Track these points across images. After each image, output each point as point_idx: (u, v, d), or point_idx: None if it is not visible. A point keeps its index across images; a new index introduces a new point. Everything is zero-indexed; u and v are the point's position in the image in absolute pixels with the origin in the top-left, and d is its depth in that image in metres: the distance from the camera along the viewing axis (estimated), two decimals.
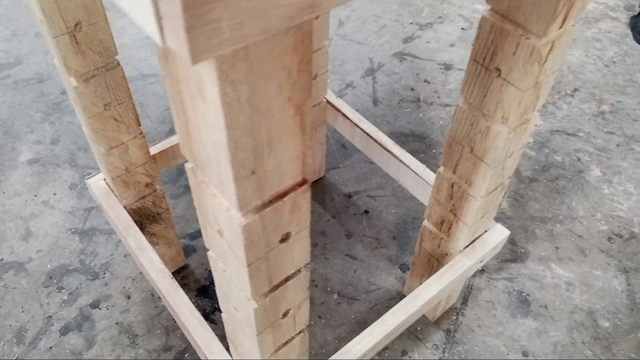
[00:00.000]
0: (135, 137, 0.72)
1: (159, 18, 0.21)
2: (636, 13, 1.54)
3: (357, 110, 1.03)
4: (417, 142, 1.20)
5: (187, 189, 1.10)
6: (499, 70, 0.54)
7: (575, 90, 1.33)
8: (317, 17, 0.57)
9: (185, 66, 0.28)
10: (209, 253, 0.45)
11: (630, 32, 1.51)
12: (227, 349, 0.65)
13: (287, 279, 0.44)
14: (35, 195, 1.09)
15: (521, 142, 0.62)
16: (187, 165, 0.37)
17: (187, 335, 0.73)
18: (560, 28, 0.50)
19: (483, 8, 1.58)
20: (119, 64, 0.65)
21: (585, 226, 1.06)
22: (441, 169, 0.69)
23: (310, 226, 0.41)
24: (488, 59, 0.55)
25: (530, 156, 1.18)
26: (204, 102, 0.28)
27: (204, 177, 0.36)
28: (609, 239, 1.04)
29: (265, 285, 0.42)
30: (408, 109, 1.26)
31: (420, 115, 1.25)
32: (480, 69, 0.56)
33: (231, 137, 0.29)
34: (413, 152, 1.16)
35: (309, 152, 0.34)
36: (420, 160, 0.89)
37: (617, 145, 1.21)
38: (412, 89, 1.32)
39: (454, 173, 0.67)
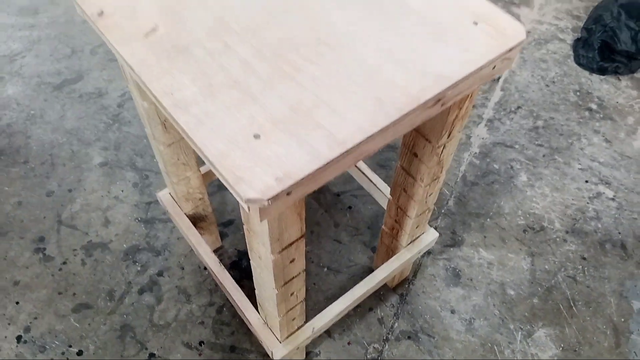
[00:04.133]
0: (194, 173, 1.11)
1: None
2: (580, 35, 1.87)
3: None
4: (390, 152, 1.58)
5: (219, 188, 1.50)
6: (416, 154, 0.92)
7: (518, 107, 1.70)
8: None
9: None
10: (253, 264, 0.85)
11: (573, 53, 1.85)
12: (255, 307, 1.07)
13: (292, 278, 0.84)
14: (108, 192, 1.49)
15: (435, 190, 1.01)
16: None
17: (226, 295, 1.15)
18: (448, 138, 0.87)
19: None
20: None
21: (508, 221, 1.46)
22: (389, 198, 1.08)
23: (307, 218, 0.81)
24: (411, 148, 0.93)
25: (475, 164, 1.56)
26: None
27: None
28: (524, 230, 1.44)
29: (281, 281, 0.83)
30: None
31: None
32: (408, 152, 0.94)
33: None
34: (386, 160, 1.54)
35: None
36: (391, 166, 1.28)
37: (543, 155, 1.59)
38: None
39: (396, 202, 1.06)
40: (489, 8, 0.73)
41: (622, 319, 1.30)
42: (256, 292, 0.97)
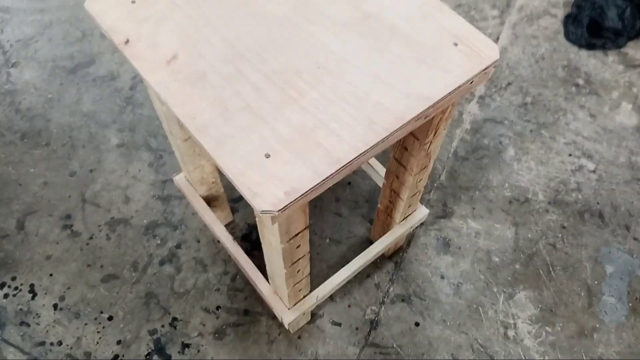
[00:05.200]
0: (208, 161, 1.23)
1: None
2: (570, 11, 1.94)
3: None
4: None
5: None
6: (406, 148, 1.04)
7: (509, 84, 1.80)
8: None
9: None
10: (264, 248, 0.99)
11: (563, 28, 1.92)
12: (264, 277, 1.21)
13: (298, 260, 0.98)
14: (126, 172, 1.61)
15: (425, 176, 1.13)
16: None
17: (238, 265, 1.30)
18: (434, 136, 0.99)
19: (448, 5, 1.98)
20: None
21: (496, 193, 1.58)
22: (384, 181, 1.21)
23: None
24: (402, 142, 1.04)
25: (466, 140, 1.68)
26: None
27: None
28: (510, 202, 1.57)
29: (289, 263, 0.96)
30: None
31: None
32: (399, 145, 1.06)
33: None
34: None
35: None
36: (387, 150, 1.40)
37: (531, 131, 1.70)
38: None
39: (390, 186, 1.19)
40: (468, 29, 0.84)
41: (596, 282, 1.45)
42: (267, 268, 1.11)
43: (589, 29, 1.84)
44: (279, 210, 0.67)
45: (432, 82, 0.78)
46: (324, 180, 0.70)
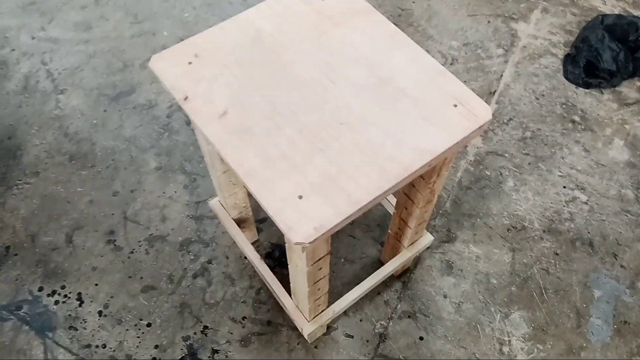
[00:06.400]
0: (241, 189, 1.41)
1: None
2: (569, 51, 2.11)
3: None
4: None
5: None
6: (413, 185, 1.21)
7: (510, 119, 1.96)
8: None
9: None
10: (290, 269, 1.16)
11: (562, 68, 2.09)
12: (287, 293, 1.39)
13: (319, 279, 1.15)
14: (164, 192, 1.80)
15: (430, 208, 1.30)
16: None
17: (264, 281, 1.47)
18: (437, 177, 1.16)
19: (457, 44, 2.16)
20: None
21: (495, 221, 1.75)
22: (394, 210, 1.38)
23: None
24: (410, 183, 1.22)
25: (469, 171, 1.84)
26: None
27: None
28: (508, 230, 1.73)
29: (311, 282, 1.14)
30: None
31: None
32: (410, 186, 1.23)
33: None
34: None
35: None
36: None
37: (529, 163, 1.86)
38: None
39: (399, 215, 1.36)
40: (466, 92, 1.01)
41: (584, 305, 1.60)
42: (291, 285, 1.28)
43: (586, 69, 2.00)
44: (310, 242, 0.85)
45: (435, 138, 0.95)
46: (345, 218, 0.87)
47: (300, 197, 0.89)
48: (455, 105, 0.99)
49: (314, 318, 1.36)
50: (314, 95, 1.01)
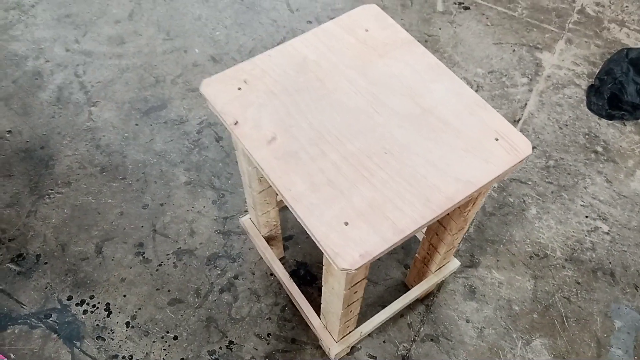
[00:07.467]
0: (274, 208, 1.45)
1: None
2: (593, 82, 2.14)
3: None
4: None
5: (281, 209, 1.83)
6: (448, 213, 1.24)
7: (534, 148, 1.99)
8: None
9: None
10: (325, 291, 1.19)
11: (586, 98, 2.12)
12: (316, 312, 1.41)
13: (353, 302, 1.18)
14: (192, 207, 1.83)
15: (461, 235, 1.33)
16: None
17: (291, 298, 1.50)
18: (472, 206, 1.19)
19: (482, 72, 2.20)
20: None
21: (518, 248, 1.77)
22: (423, 236, 1.40)
23: None
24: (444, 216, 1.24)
25: (493, 197, 1.87)
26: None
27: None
28: (530, 257, 1.75)
29: (346, 305, 1.16)
30: None
31: None
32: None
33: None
34: None
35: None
36: None
37: (552, 192, 1.89)
38: None
39: (430, 240, 1.38)
40: (507, 127, 1.04)
41: (605, 335, 1.61)
42: (322, 305, 1.31)
43: (609, 101, 2.03)
44: (356, 269, 0.88)
45: (477, 170, 0.98)
46: (390, 246, 0.90)
47: (346, 224, 0.92)
48: (497, 139, 1.03)
49: (341, 339, 1.38)
50: (359, 122, 1.05)
